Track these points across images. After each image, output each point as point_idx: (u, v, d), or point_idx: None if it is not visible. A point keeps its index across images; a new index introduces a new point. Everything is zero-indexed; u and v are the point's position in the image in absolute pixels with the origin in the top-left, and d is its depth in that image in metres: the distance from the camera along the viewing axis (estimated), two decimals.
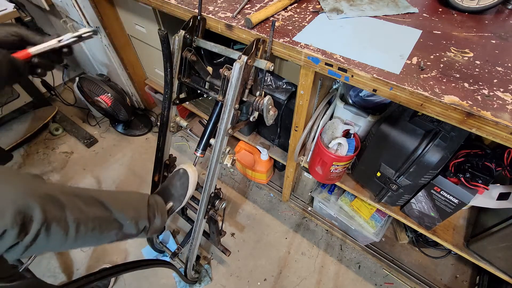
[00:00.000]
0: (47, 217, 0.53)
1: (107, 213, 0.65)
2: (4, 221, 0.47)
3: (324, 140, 0.86)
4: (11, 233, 0.48)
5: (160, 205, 0.79)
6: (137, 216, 0.71)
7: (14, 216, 0.48)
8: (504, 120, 0.47)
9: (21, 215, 0.49)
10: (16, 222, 0.48)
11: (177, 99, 0.85)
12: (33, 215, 0.51)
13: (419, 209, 0.85)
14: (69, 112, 1.92)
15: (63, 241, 0.56)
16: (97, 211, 0.63)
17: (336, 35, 0.67)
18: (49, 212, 0.53)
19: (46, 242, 0.54)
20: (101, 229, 0.63)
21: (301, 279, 1.24)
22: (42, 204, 0.52)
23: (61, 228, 0.55)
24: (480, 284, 1.11)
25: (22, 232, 0.49)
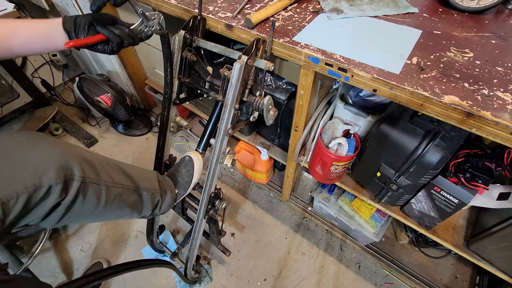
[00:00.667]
0: (85, 178, 0.56)
1: (129, 182, 0.68)
2: (48, 177, 0.50)
3: (324, 140, 0.86)
4: (56, 189, 0.51)
5: (169, 182, 0.83)
6: (152, 189, 0.75)
7: (58, 173, 0.51)
8: (504, 120, 0.47)
9: (63, 171, 0.52)
10: (60, 178, 0.51)
11: (177, 99, 0.85)
12: (74, 173, 0.54)
13: (419, 209, 0.85)
14: (69, 112, 1.92)
15: (95, 207, 0.60)
16: (122, 179, 0.66)
17: (336, 35, 0.67)
18: (86, 173, 0.57)
19: (82, 206, 0.57)
20: (124, 197, 0.66)
21: (301, 279, 1.24)
22: (80, 164, 0.56)
23: (95, 191, 0.58)
24: (480, 284, 1.11)
25: (64, 190, 0.53)
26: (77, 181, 0.54)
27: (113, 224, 1.40)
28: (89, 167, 0.58)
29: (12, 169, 0.48)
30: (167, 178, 0.84)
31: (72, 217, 0.57)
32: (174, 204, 0.86)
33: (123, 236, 1.36)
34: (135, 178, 0.70)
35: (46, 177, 0.49)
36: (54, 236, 1.35)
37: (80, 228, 1.39)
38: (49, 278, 1.23)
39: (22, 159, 0.50)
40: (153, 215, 0.80)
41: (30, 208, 0.49)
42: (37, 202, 0.50)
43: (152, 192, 0.74)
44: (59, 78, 1.98)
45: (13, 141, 0.52)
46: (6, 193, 0.46)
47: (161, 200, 0.77)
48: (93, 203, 0.59)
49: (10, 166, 0.49)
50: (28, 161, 0.50)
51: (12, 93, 1.67)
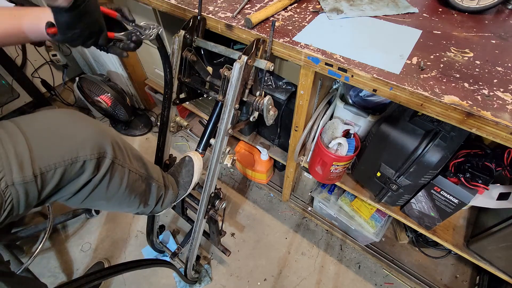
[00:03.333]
0: (115, 158, 0.58)
1: (143, 170, 0.70)
2: (84, 152, 0.52)
3: (324, 140, 0.86)
4: (89, 165, 0.53)
5: (171, 179, 0.84)
6: (159, 180, 0.76)
7: (92, 149, 0.53)
8: (504, 120, 0.47)
9: (98, 149, 0.54)
10: (94, 155, 0.53)
11: (177, 99, 0.85)
12: (106, 151, 0.56)
13: (419, 209, 0.85)
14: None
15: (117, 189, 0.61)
16: (138, 166, 0.68)
17: (336, 35, 0.67)
18: (117, 152, 0.59)
19: (107, 186, 0.59)
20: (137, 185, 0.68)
21: (301, 279, 1.24)
22: (112, 145, 0.58)
23: (119, 173, 0.61)
24: (480, 284, 1.11)
25: (96, 167, 0.54)
26: (109, 160, 0.56)
27: (113, 224, 1.40)
28: (119, 149, 0.60)
29: (53, 142, 0.50)
30: (169, 176, 0.85)
31: (95, 197, 0.58)
32: (174, 203, 0.86)
33: (123, 236, 1.36)
34: (148, 167, 0.73)
35: (82, 152, 0.51)
36: (54, 236, 1.35)
37: (80, 228, 1.39)
38: (49, 278, 1.23)
39: (62, 134, 0.52)
40: (153, 212, 0.81)
41: (65, 182, 0.51)
42: (72, 177, 0.51)
43: (159, 184, 0.76)
44: (59, 78, 1.98)
45: (55, 117, 0.54)
46: (46, 164, 0.47)
47: (164, 194, 0.79)
48: (117, 184, 0.61)
49: (51, 139, 0.50)
50: (67, 136, 0.52)
51: (12, 93, 1.67)
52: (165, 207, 0.82)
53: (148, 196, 0.74)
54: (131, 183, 0.65)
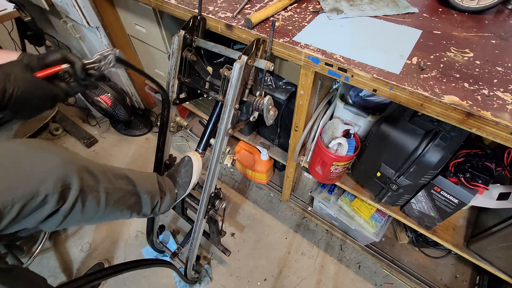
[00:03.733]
0: (84, 186, 0.56)
1: (130, 186, 0.69)
2: (46, 186, 0.50)
3: (324, 140, 0.86)
4: (52, 199, 0.51)
5: (168, 183, 0.83)
6: (152, 191, 0.76)
7: (55, 183, 0.51)
8: (504, 120, 0.47)
9: (61, 182, 0.52)
10: (57, 188, 0.51)
11: (177, 99, 0.85)
12: (71, 183, 0.54)
13: (419, 209, 0.85)
14: (69, 112, 1.92)
15: (95, 211, 0.60)
16: (122, 184, 0.67)
17: (336, 35, 0.67)
18: (85, 182, 0.57)
19: (81, 212, 0.57)
20: (124, 200, 0.67)
21: (301, 279, 1.24)
22: (79, 173, 0.56)
23: (94, 198, 0.59)
24: (480, 284, 1.11)
25: (61, 199, 0.52)
26: (75, 190, 0.54)
27: (113, 224, 1.40)
28: (89, 175, 0.58)
29: (12, 176, 0.48)
30: (167, 179, 0.84)
31: (72, 221, 0.57)
32: (173, 204, 0.86)
33: (123, 236, 1.36)
34: (136, 182, 0.71)
35: (44, 186, 0.49)
36: (54, 236, 1.35)
37: (80, 228, 1.38)
38: (49, 278, 1.23)
39: (22, 167, 0.50)
40: (152, 215, 0.81)
41: (24, 215, 0.49)
42: (32, 210, 0.50)
43: (152, 194, 0.75)
44: None
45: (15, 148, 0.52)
46: (3, 200, 0.45)
47: (160, 201, 0.78)
48: (93, 208, 0.59)
49: (9, 173, 0.48)
50: (27, 170, 0.50)
51: None
52: (163, 211, 0.82)
53: (140, 206, 0.74)
54: (112, 203, 0.63)
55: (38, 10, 1.49)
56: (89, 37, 1.45)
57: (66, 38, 1.73)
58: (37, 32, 1.44)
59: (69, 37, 1.65)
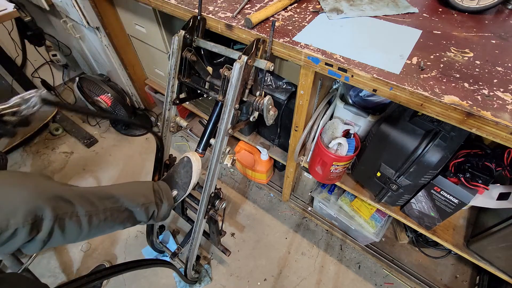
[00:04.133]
0: (58, 214, 0.57)
1: (117, 204, 0.70)
2: (15, 220, 0.51)
3: (324, 140, 0.86)
4: (22, 231, 0.51)
5: (165, 191, 0.83)
6: (146, 203, 0.76)
7: (25, 216, 0.52)
8: (504, 120, 0.47)
9: (31, 215, 0.53)
10: (27, 221, 0.52)
11: (177, 99, 0.85)
12: (43, 214, 0.55)
13: (419, 209, 0.85)
14: (69, 112, 1.92)
15: (78, 233, 0.61)
16: (107, 203, 0.68)
17: (336, 35, 0.67)
18: (60, 210, 0.57)
19: (63, 236, 0.58)
20: (113, 217, 0.68)
21: (301, 279, 1.24)
22: (52, 203, 0.56)
23: (74, 222, 0.60)
24: (480, 284, 1.11)
25: (33, 230, 0.53)
26: (49, 220, 0.55)
27: None
28: (64, 203, 0.59)
29: None
30: (163, 186, 0.84)
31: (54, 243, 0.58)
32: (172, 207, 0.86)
33: (123, 236, 1.36)
34: (125, 199, 0.72)
35: (13, 220, 0.50)
36: None
37: None
38: (49, 278, 1.23)
39: None
40: (151, 222, 0.81)
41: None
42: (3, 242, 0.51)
43: (146, 206, 0.76)
44: (59, 78, 1.98)
45: None
46: None
47: (156, 210, 0.79)
48: (75, 231, 0.60)
49: None
50: None
51: (12, 93, 1.67)
52: (162, 218, 0.82)
53: (134, 219, 0.74)
54: (97, 223, 0.64)
55: (38, 10, 1.49)
56: (89, 37, 1.46)
57: (66, 38, 1.73)
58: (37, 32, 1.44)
59: (69, 37, 1.65)
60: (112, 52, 1.45)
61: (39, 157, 1.68)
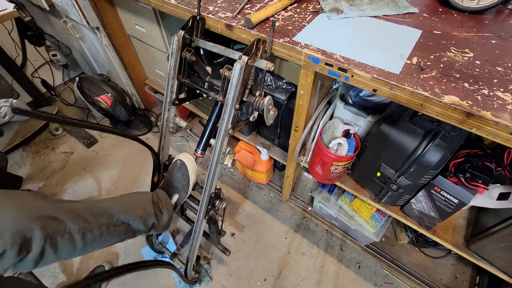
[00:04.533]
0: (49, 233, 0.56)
1: (113, 218, 0.68)
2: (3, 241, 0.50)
3: (324, 140, 0.86)
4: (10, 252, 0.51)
5: (164, 201, 0.83)
6: (145, 215, 0.75)
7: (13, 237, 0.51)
8: (504, 120, 0.47)
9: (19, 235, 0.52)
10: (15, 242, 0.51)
11: (176, 99, 0.85)
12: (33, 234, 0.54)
13: (419, 209, 0.85)
14: (69, 112, 1.92)
15: (72, 250, 0.60)
16: (102, 219, 0.66)
17: (336, 35, 0.67)
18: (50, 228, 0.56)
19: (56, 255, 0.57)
20: (110, 232, 0.67)
21: (301, 279, 1.24)
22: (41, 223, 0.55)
23: (67, 240, 0.59)
24: (480, 284, 1.11)
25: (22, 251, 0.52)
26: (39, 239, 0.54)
27: None
28: (55, 221, 0.58)
29: None
30: (162, 195, 0.83)
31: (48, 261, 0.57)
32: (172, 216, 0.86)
33: None
34: (121, 212, 0.71)
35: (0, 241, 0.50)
36: None
37: None
38: (49, 278, 1.23)
39: None
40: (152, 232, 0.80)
41: None
42: None
43: (144, 218, 0.75)
44: (59, 78, 1.98)
45: None
46: None
47: (156, 221, 0.78)
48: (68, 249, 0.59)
49: None
50: None
51: (12, 93, 1.67)
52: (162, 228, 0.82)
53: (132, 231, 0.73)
54: (92, 239, 0.63)
55: (38, 10, 1.49)
56: (89, 37, 1.46)
57: (66, 38, 1.73)
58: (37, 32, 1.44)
59: (69, 37, 1.65)
60: (112, 52, 1.45)
61: (39, 157, 1.68)
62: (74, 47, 1.77)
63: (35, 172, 1.61)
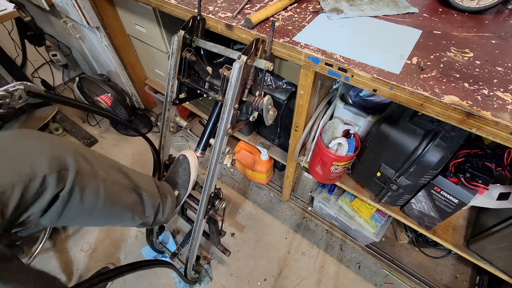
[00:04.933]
0: (80, 169, 0.55)
1: (126, 180, 0.67)
2: (42, 167, 0.49)
3: (324, 140, 0.86)
4: (51, 180, 0.49)
5: (167, 187, 0.82)
6: (150, 190, 0.74)
7: (50, 162, 0.50)
8: (504, 120, 0.47)
9: (56, 162, 0.51)
10: (53, 168, 0.50)
11: (176, 99, 0.85)
12: (67, 163, 0.53)
13: (419, 209, 0.85)
14: (69, 112, 1.92)
15: (94, 202, 0.58)
16: (118, 177, 0.65)
17: (336, 35, 0.67)
18: (81, 164, 0.55)
19: (80, 201, 0.55)
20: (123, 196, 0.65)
21: (301, 279, 1.24)
22: (74, 156, 0.54)
23: (92, 186, 0.57)
24: (480, 284, 1.11)
25: (60, 181, 0.51)
26: (72, 172, 0.53)
27: None
28: (84, 160, 0.57)
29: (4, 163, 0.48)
30: (164, 183, 0.83)
31: (71, 214, 0.56)
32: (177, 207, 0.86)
33: (123, 236, 1.36)
34: (133, 178, 0.69)
35: (39, 167, 0.49)
36: (54, 236, 1.35)
37: (80, 228, 1.38)
38: None
39: (13, 153, 0.49)
40: (156, 222, 0.79)
41: (28, 200, 0.49)
42: (35, 194, 0.49)
43: (151, 193, 0.73)
44: (59, 78, 1.98)
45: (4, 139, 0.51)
46: (1, 184, 0.45)
47: (162, 204, 0.77)
48: (92, 197, 0.57)
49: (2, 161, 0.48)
50: (20, 154, 0.49)
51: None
52: (168, 215, 0.80)
53: (142, 206, 0.71)
54: (111, 195, 0.61)
55: (38, 10, 1.49)
56: (89, 37, 1.46)
57: (66, 38, 1.73)
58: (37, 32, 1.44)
59: (69, 37, 1.65)
60: (112, 52, 1.45)
61: None
62: (74, 47, 1.77)
63: None
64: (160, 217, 0.78)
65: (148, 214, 0.73)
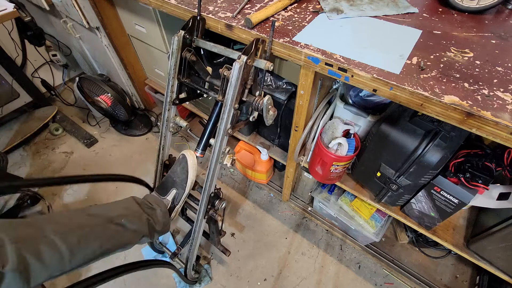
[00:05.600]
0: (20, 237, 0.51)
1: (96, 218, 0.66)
2: None
3: (324, 140, 0.86)
4: None
5: (152, 199, 0.83)
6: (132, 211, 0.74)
7: None
8: (504, 120, 0.47)
9: None
10: None
11: (176, 99, 0.85)
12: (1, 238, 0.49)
13: (419, 209, 0.85)
14: (69, 112, 1.92)
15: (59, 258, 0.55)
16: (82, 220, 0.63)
17: (336, 35, 0.67)
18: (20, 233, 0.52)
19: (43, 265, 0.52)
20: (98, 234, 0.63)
21: (301, 279, 1.24)
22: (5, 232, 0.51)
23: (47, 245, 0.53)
24: (480, 284, 1.11)
25: None
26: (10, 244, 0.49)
27: None
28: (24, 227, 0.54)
29: None
30: (148, 195, 0.85)
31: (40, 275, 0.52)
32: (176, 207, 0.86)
33: None
34: (104, 213, 0.69)
35: None
36: None
37: None
38: None
39: None
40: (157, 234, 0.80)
41: None
42: None
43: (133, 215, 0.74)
44: (59, 78, 1.98)
45: None
46: None
47: (151, 217, 0.78)
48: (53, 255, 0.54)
49: None
50: None
51: (12, 93, 1.67)
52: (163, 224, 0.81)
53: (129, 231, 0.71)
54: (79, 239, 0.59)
55: (38, 10, 1.49)
56: (89, 37, 1.46)
57: (66, 38, 1.73)
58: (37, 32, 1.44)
59: (69, 37, 1.65)
60: (112, 52, 1.45)
61: (39, 157, 1.68)
62: (74, 47, 1.77)
63: (35, 172, 1.61)
64: (157, 228, 0.79)
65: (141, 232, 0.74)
